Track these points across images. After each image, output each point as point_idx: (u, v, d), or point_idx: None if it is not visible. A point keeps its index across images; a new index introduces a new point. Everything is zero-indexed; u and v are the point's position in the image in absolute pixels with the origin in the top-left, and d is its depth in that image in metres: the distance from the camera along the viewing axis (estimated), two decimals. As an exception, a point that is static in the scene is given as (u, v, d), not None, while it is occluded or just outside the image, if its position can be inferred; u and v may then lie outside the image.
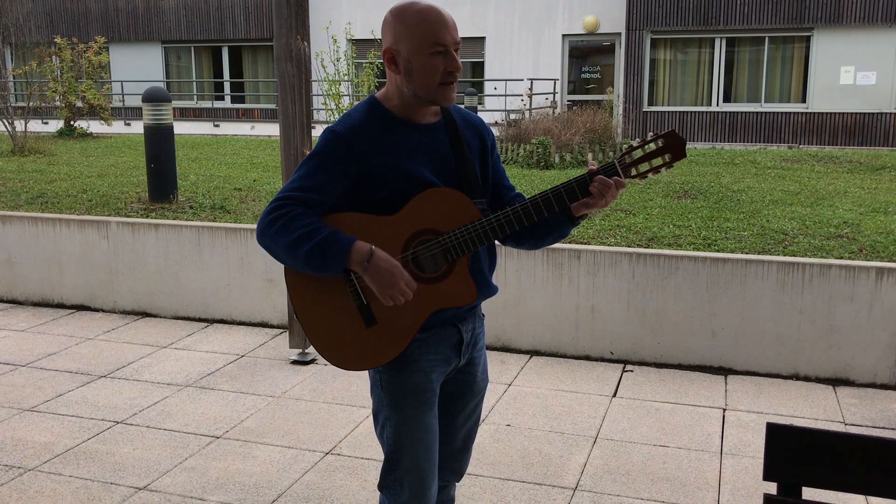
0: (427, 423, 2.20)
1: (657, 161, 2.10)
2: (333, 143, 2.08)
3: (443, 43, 2.03)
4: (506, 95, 17.65)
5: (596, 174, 2.10)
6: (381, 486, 2.26)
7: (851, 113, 16.50)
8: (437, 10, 2.05)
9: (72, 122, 16.40)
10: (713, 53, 17.37)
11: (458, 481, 2.50)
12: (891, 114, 16.32)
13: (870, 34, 16.23)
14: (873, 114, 16.40)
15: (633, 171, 2.11)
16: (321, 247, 2.00)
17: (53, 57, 16.46)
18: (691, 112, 17.48)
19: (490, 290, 2.27)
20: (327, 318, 2.13)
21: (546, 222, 2.22)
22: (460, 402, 2.34)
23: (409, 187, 2.08)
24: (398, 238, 2.09)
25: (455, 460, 2.42)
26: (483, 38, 19.29)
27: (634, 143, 2.12)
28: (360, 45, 16.13)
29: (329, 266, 2.02)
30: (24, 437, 3.94)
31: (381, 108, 2.14)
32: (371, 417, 4.11)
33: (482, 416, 3.29)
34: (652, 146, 2.10)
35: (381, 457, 3.66)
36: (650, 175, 2.11)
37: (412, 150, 2.11)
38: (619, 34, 18.06)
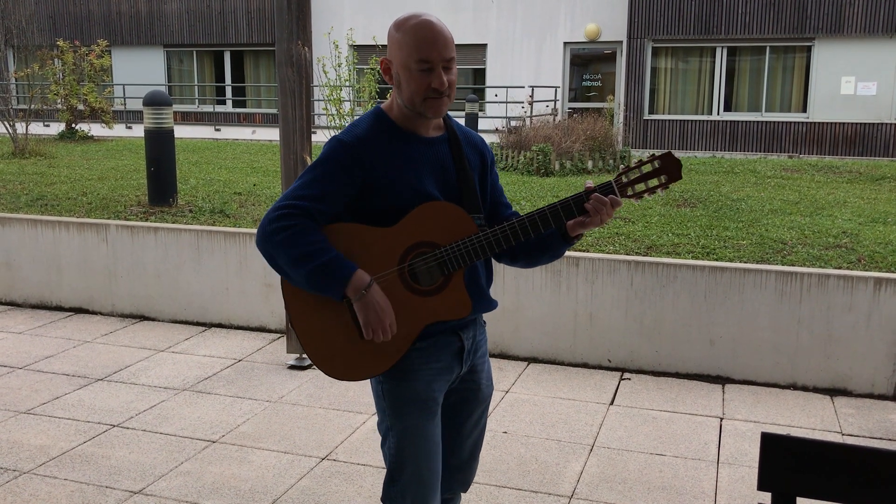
0: (429, 432, 2.19)
1: (653, 182, 2.14)
2: (339, 152, 2.08)
3: (428, 60, 2.03)
4: (507, 102, 17.67)
5: (592, 192, 2.11)
6: (383, 498, 2.25)
7: (852, 123, 16.51)
8: (432, 25, 2.04)
9: (73, 125, 16.42)
10: (714, 62, 17.40)
11: (464, 492, 2.48)
12: (891, 124, 16.33)
13: (871, 45, 16.26)
14: (874, 124, 16.41)
15: (630, 191, 2.14)
16: (325, 269, 2.01)
17: (55, 60, 16.49)
18: (692, 121, 17.49)
19: (488, 305, 2.27)
20: (323, 328, 2.13)
21: (542, 241, 2.23)
22: (466, 410, 2.34)
23: (411, 199, 2.09)
24: (395, 250, 2.09)
25: (462, 471, 2.40)
26: (485, 45, 19.32)
27: (632, 164, 2.15)
28: (362, 51, 16.14)
29: (328, 290, 2.04)
30: (19, 439, 3.93)
31: (386, 120, 2.15)
32: (368, 425, 4.11)
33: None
34: (648, 167, 2.14)
35: (378, 463, 3.66)
36: (646, 195, 2.14)
37: (416, 163, 2.12)
38: (621, 42, 18.08)
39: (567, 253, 5.06)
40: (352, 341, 2.12)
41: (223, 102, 22.03)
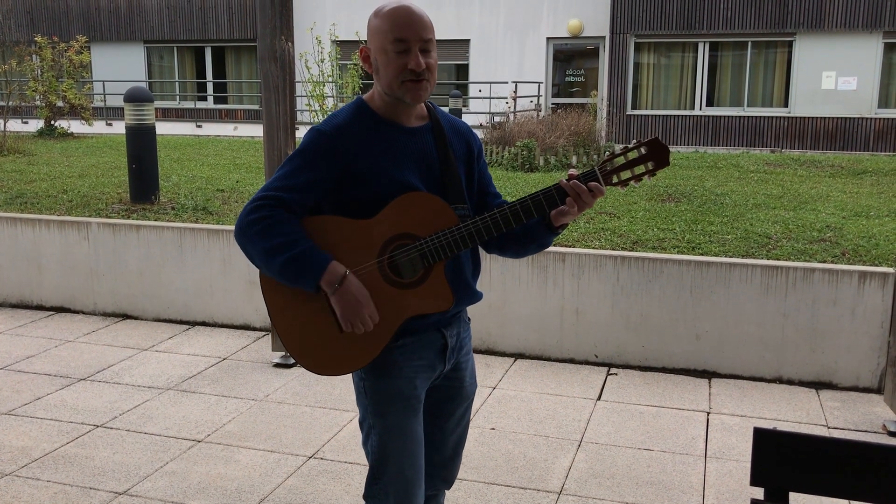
0: (412, 430, 2.16)
1: (639, 169, 2.07)
2: (318, 142, 2.05)
3: (403, 39, 2.00)
4: (490, 98, 17.66)
5: (574, 179, 2.08)
6: (366, 496, 2.23)
7: (833, 118, 16.63)
8: (408, 8, 2.02)
9: (52, 122, 16.25)
10: (696, 57, 17.46)
11: (448, 489, 2.47)
12: (871, 119, 16.47)
13: (851, 40, 16.37)
14: (854, 119, 16.54)
15: (615, 179, 2.08)
16: (298, 260, 1.98)
17: (34, 56, 16.31)
18: (675, 116, 17.56)
19: (473, 297, 2.24)
20: (301, 323, 2.10)
21: (528, 230, 2.19)
22: (449, 407, 2.31)
23: (391, 190, 2.05)
24: (375, 242, 2.06)
25: (445, 468, 2.38)
26: (468, 41, 19.30)
27: (617, 150, 2.09)
28: (345, 47, 16.07)
29: (302, 281, 2.01)
30: (1, 441, 3.87)
31: (367, 110, 2.12)
32: (355, 423, 4.08)
33: (467, 420, 3.25)
34: (634, 153, 2.07)
35: (365, 461, 3.64)
36: (632, 183, 2.08)
37: (397, 153, 2.08)
38: (604, 38, 18.11)
39: (553, 248, 5.06)
40: (331, 335, 2.08)
41: (204, 99, 21.88)
